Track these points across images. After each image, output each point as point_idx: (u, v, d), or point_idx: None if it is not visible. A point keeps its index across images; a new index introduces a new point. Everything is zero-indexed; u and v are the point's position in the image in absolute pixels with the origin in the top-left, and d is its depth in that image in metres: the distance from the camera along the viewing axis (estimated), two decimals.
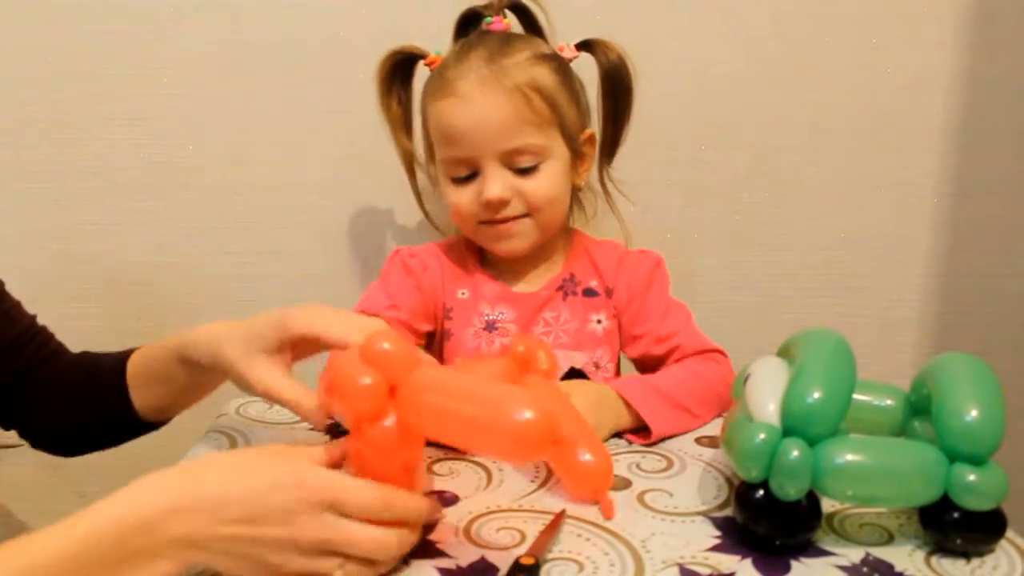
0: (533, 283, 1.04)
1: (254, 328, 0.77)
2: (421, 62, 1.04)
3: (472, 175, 0.97)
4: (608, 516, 0.75)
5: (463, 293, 1.04)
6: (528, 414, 0.61)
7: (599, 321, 1.03)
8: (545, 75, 0.96)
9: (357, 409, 0.66)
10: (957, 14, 1.22)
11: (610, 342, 1.03)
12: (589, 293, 1.04)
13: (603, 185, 1.10)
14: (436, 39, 1.05)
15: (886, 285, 1.31)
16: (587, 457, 0.77)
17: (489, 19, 1.02)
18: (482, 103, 0.94)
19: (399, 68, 1.05)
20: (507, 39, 0.99)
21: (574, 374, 1.01)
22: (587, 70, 1.03)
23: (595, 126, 1.05)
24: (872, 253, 1.30)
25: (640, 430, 0.91)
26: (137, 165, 1.24)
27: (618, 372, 1.06)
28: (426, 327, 1.03)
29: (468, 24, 1.04)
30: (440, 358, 1.04)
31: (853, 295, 1.31)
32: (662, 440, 0.90)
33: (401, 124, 1.06)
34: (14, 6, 1.19)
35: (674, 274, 1.07)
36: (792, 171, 1.27)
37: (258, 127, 1.24)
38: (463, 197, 0.98)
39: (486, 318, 1.02)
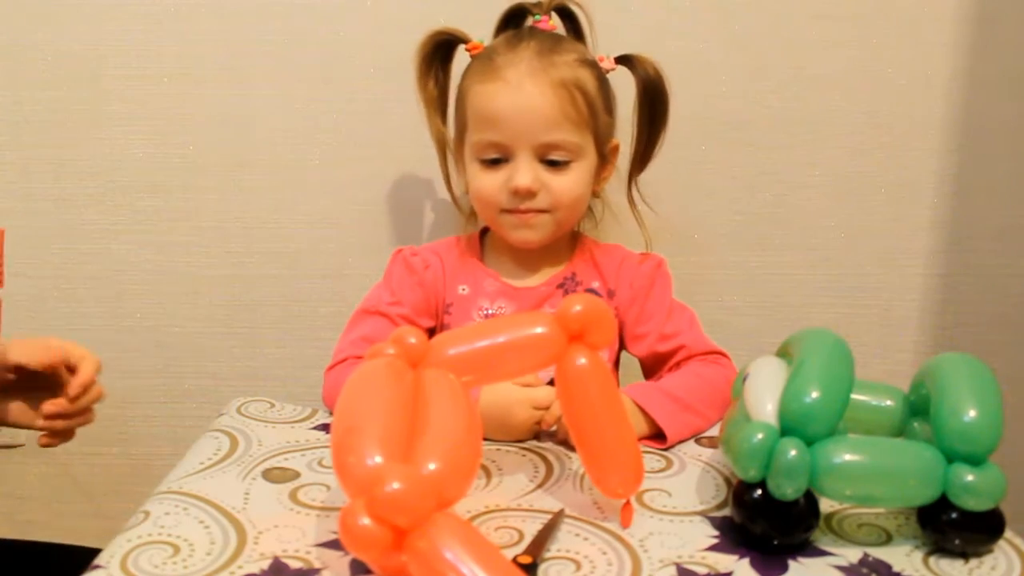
0: (534, 279, 1.05)
1: None
2: (463, 46, 1.05)
3: (503, 162, 0.98)
4: (625, 525, 0.74)
5: (463, 289, 1.04)
6: None
7: None
8: (589, 79, 0.99)
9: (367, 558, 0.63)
10: (957, 14, 1.22)
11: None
12: (591, 293, 1.04)
13: (630, 194, 1.11)
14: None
15: (886, 285, 1.31)
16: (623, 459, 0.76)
17: (537, 16, 1.03)
18: (530, 91, 0.95)
19: (440, 49, 1.06)
20: (558, 38, 1.02)
21: None
22: (618, 84, 1.04)
23: (622, 139, 1.07)
24: (872, 253, 1.30)
25: (653, 436, 0.91)
26: (137, 165, 1.24)
27: (616, 372, 1.07)
28: (427, 323, 1.04)
29: (512, 19, 1.05)
30: None
31: (853, 295, 1.31)
32: (675, 446, 0.90)
33: (436, 105, 1.07)
34: (14, 6, 1.19)
35: (675, 274, 1.07)
36: (792, 171, 1.27)
37: (258, 127, 1.24)
38: (490, 182, 0.99)
39: (485, 312, 1.03)
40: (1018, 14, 1.22)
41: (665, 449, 0.89)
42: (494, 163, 0.99)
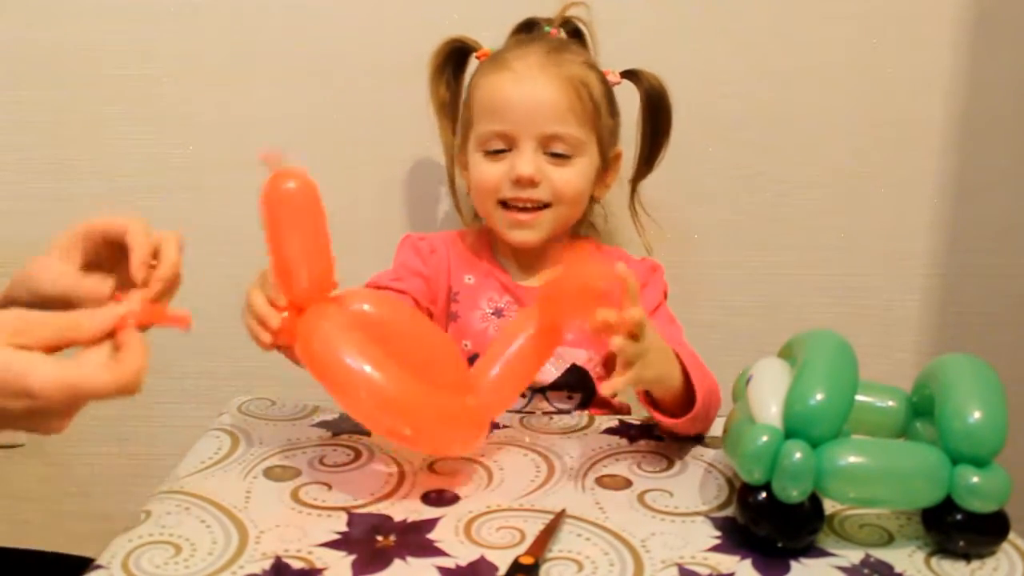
0: (536, 280, 1.06)
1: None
2: (474, 55, 1.07)
3: (506, 153, 1.00)
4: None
5: (469, 279, 1.06)
6: None
7: None
8: (595, 81, 1.01)
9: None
10: (957, 14, 1.22)
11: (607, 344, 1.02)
12: None
13: (632, 205, 1.13)
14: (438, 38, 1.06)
15: (886, 285, 1.31)
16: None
17: (547, 29, 1.07)
18: (538, 82, 0.98)
19: (453, 56, 1.08)
20: (566, 42, 1.06)
21: (575, 371, 1.01)
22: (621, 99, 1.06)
23: (625, 150, 1.09)
24: (872, 253, 1.30)
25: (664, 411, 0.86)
26: (137, 165, 1.24)
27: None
28: (428, 307, 1.06)
29: (523, 31, 1.08)
30: None
31: (853, 295, 1.31)
32: (692, 420, 0.85)
33: (447, 112, 1.09)
34: (14, 6, 1.19)
35: (674, 274, 1.08)
36: (792, 171, 1.27)
37: (258, 127, 1.23)
38: (492, 171, 1.00)
39: (495, 304, 1.05)
40: (1018, 14, 1.22)
41: (671, 427, 0.86)
42: (497, 153, 1.00)
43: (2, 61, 1.21)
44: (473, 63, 1.08)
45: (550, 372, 1.01)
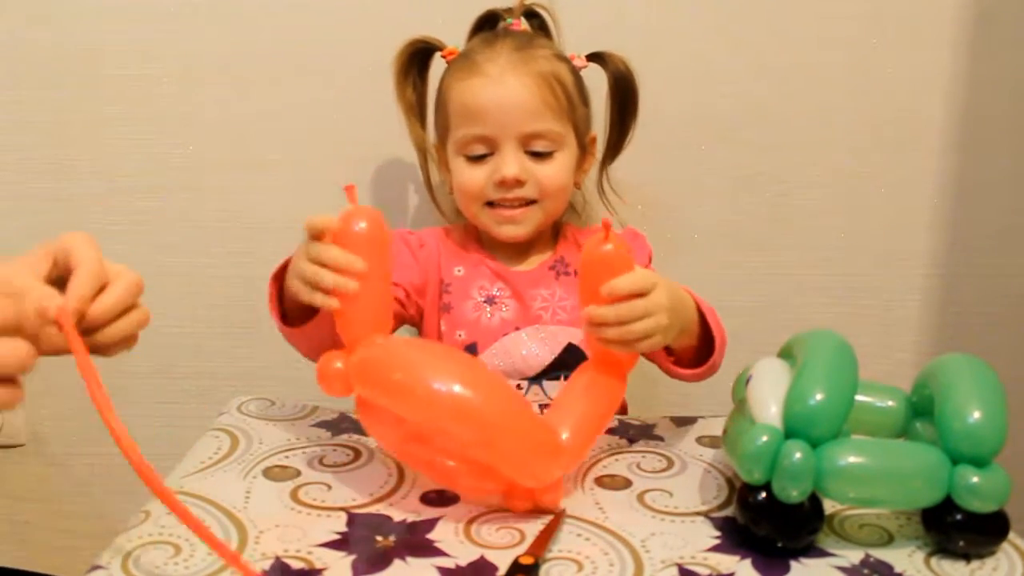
0: (526, 264, 1.07)
1: None
2: (438, 54, 1.08)
3: (487, 155, 1.00)
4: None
5: (459, 270, 1.06)
6: None
7: None
8: (565, 72, 1.02)
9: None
10: (957, 14, 1.22)
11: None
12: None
13: (600, 186, 1.13)
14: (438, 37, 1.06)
15: (886, 285, 1.31)
16: None
17: (509, 20, 1.07)
18: (512, 84, 0.98)
19: (416, 57, 1.08)
20: (532, 36, 1.06)
21: (572, 350, 1.02)
22: (590, 81, 1.06)
23: (598, 133, 1.10)
24: (872, 253, 1.30)
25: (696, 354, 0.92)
26: (137, 165, 1.24)
27: None
28: (418, 299, 1.06)
29: (486, 24, 1.09)
30: (438, 333, 1.06)
31: (853, 295, 1.31)
32: (708, 368, 0.92)
33: (415, 112, 1.10)
34: (14, 6, 1.19)
35: (674, 274, 1.07)
36: (792, 171, 1.27)
37: (258, 127, 1.24)
38: (475, 176, 1.01)
39: (486, 292, 1.05)
40: (1018, 14, 1.22)
41: (695, 371, 0.92)
42: (479, 157, 1.01)
43: (2, 61, 1.21)
44: (437, 61, 1.08)
45: (544, 355, 1.01)
